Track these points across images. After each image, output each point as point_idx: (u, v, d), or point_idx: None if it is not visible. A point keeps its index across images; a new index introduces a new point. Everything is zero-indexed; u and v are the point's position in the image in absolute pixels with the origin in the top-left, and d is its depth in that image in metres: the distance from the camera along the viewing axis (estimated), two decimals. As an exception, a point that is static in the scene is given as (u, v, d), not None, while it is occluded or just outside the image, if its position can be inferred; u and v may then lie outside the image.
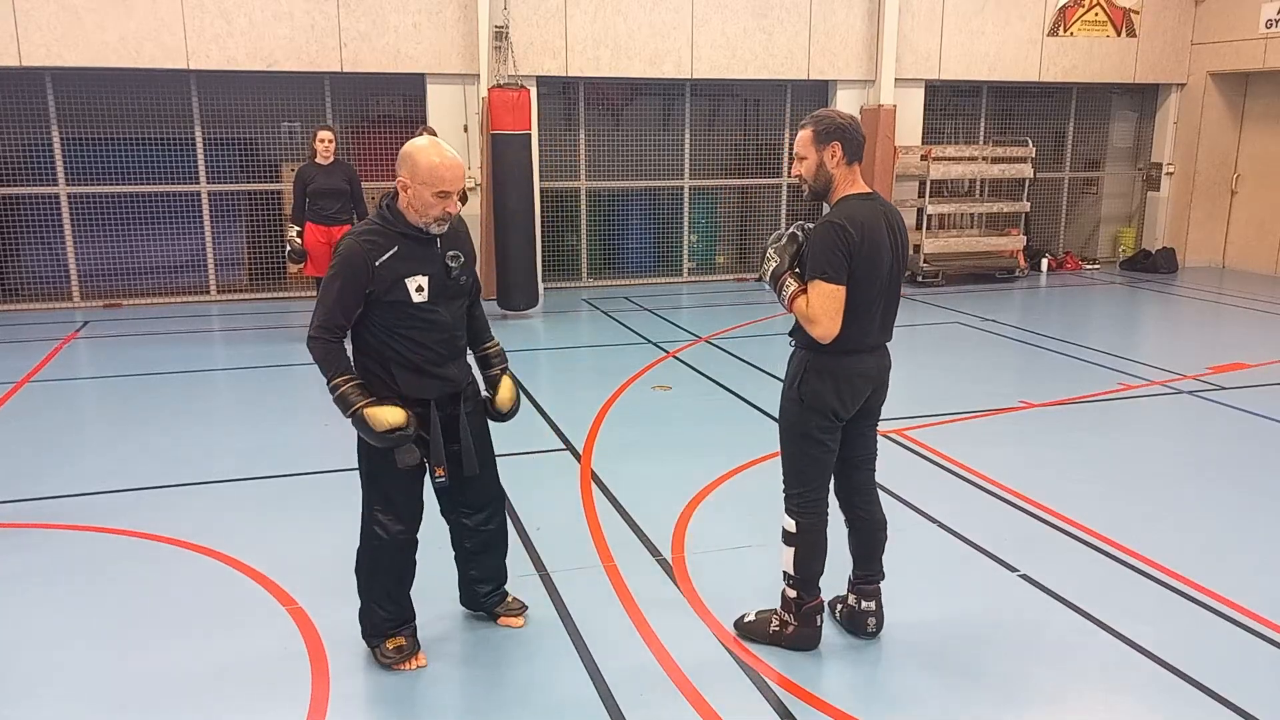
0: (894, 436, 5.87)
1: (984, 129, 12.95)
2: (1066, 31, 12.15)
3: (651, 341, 8.65)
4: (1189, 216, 13.09)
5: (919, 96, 11.88)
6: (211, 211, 10.43)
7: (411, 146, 3.23)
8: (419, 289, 3.23)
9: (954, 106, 12.99)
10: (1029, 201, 12.22)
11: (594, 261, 11.83)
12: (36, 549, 4.48)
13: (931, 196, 11.68)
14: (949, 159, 11.69)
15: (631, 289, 11.49)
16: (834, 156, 3.29)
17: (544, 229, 10.81)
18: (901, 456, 5.63)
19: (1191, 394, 6.97)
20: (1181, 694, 3.32)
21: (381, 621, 3.46)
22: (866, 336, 3.33)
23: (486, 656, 3.57)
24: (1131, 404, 6.86)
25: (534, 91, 10.21)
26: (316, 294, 3.64)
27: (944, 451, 5.69)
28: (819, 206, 3.41)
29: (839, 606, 3.75)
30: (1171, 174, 13.10)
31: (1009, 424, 6.35)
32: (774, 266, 3.37)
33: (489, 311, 4.67)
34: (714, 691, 3.32)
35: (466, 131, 10.31)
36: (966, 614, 3.87)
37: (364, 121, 11.04)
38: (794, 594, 3.53)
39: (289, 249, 8.34)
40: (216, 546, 4.43)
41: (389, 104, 11.19)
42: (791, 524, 3.48)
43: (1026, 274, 12.26)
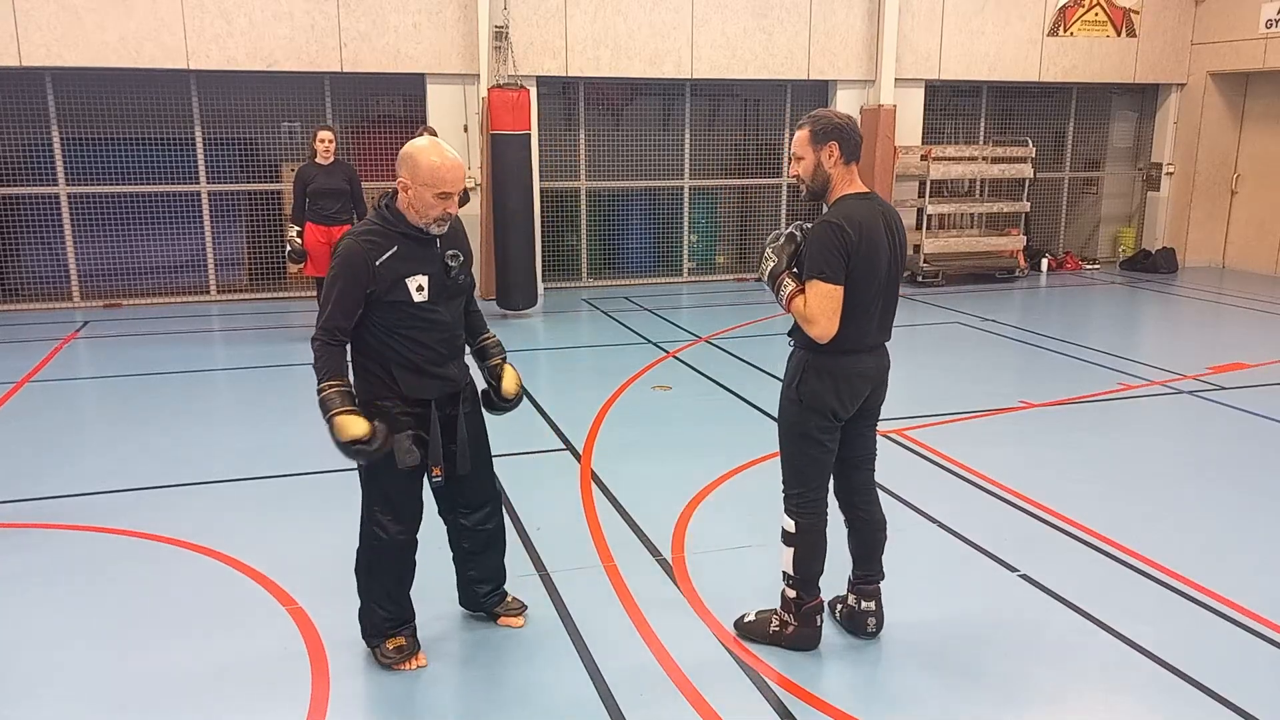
0: (894, 436, 5.87)
1: (984, 129, 12.95)
2: (1066, 31, 12.15)
3: (651, 341, 8.65)
4: (1189, 216, 13.09)
5: (919, 96, 11.88)
6: (211, 211, 10.43)
7: (412, 147, 3.23)
8: (419, 289, 3.24)
9: (954, 106, 12.99)
10: (1029, 201, 12.22)
11: (594, 261, 11.83)
12: (36, 549, 4.48)
13: (931, 196, 11.69)
14: (949, 159, 11.69)
15: (631, 289, 11.49)
16: (831, 156, 3.29)
17: (544, 229, 10.82)
18: (901, 456, 5.63)
19: (1191, 394, 6.97)
20: (1181, 694, 3.32)
21: (381, 621, 3.46)
22: (865, 336, 3.33)
23: (486, 657, 3.57)
24: (1131, 404, 6.86)
25: (534, 91, 10.21)
26: (317, 294, 3.64)
27: (944, 451, 5.69)
28: (818, 206, 3.40)
29: (839, 606, 3.75)
30: (1171, 174, 13.10)
31: (1009, 424, 6.35)
32: (771, 266, 3.37)
33: (489, 311, 4.67)
34: (714, 691, 3.32)
35: (466, 131, 10.31)
36: (966, 614, 3.87)
37: (364, 121, 11.04)
38: (794, 594, 3.53)
39: (289, 249, 8.33)
40: (216, 546, 4.43)
41: (389, 104, 11.19)
42: (791, 524, 3.48)
43: (1026, 274, 12.26)
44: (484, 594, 3.74)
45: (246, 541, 4.48)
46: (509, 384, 3.60)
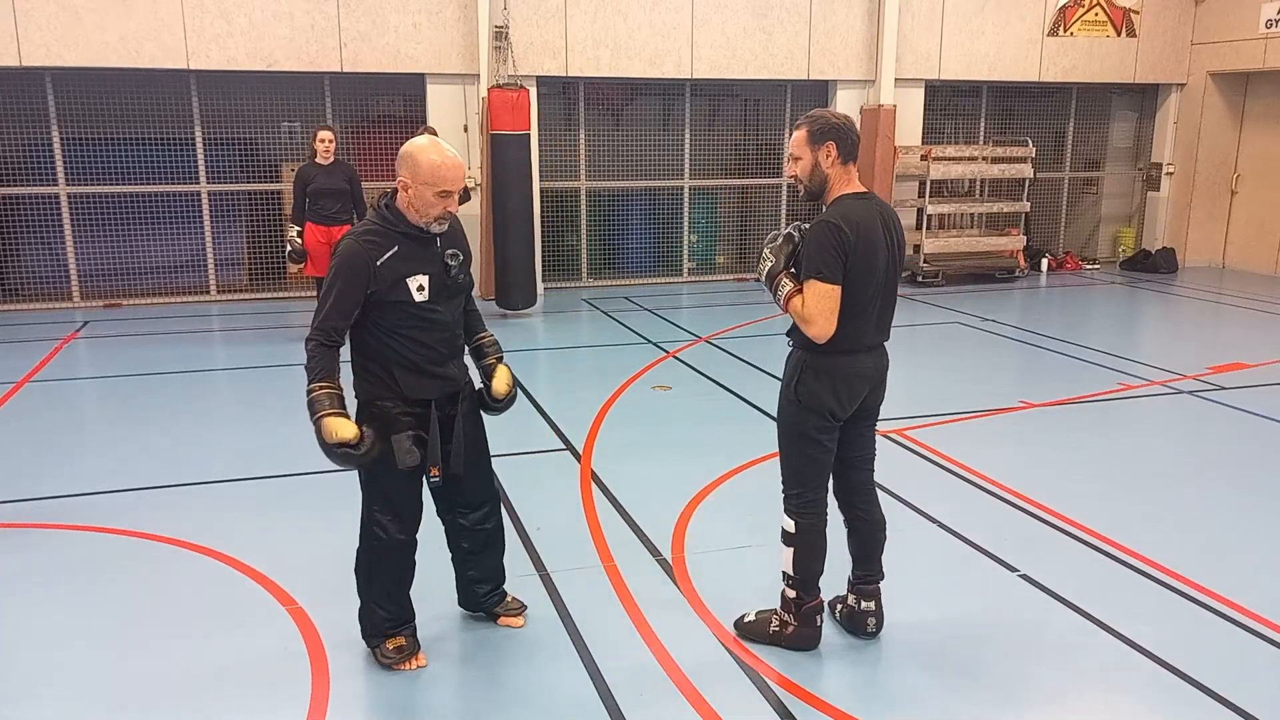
0: (894, 436, 5.87)
1: (984, 129, 12.95)
2: (1066, 31, 12.15)
3: (651, 341, 8.65)
4: (1189, 216, 13.09)
5: (919, 96, 11.88)
6: (211, 211, 10.43)
7: (412, 146, 3.23)
8: (420, 288, 3.24)
9: (954, 106, 12.99)
10: (1029, 201, 12.22)
11: (594, 261, 11.83)
12: (36, 549, 4.48)
13: (931, 196, 11.69)
14: (949, 159, 11.69)
15: (631, 289, 11.49)
16: (829, 156, 3.29)
17: (544, 229, 10.82)
18: (901, 456, 5.63)
19: (1191, 394, 6.97)
20: (1181, 694, 3.32)
21: (381, 621, 3.46)
22: (863, 336, 3.33)
23: (486, 657, 3.57)
24: (1131, 404, 6.86)
25: (534, 91, 10.21)
26: (317, 294, 3.64)
27: (944, 451, 5.69)
28: (817, 206, 3.40)
29: (839, 606, 3.75)
30: (1171, 174, 13.10)
31: (1009, 424, 6.35)
32: (769, 266, 3.36)
33: (488, 311, 4.67)
34: (714, 691, 3.32)
35: (466, 131, 10.31)
36: (966, 614, 3.87)
37: (364, 121, 11.04)
38: (794, 594, 3.53)
39: (289, 249, 8.35)
40: (216, 546, 4.43)
41: (389, 104, 11.20)
42: (791, 524, 3.48)
43: (1026, 274, 12.26)
44: (484, 594, 3.74)
45: (246, 541, 4.48)
46: (499, 384, 3.60)
